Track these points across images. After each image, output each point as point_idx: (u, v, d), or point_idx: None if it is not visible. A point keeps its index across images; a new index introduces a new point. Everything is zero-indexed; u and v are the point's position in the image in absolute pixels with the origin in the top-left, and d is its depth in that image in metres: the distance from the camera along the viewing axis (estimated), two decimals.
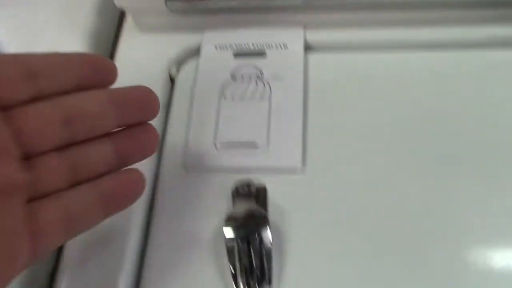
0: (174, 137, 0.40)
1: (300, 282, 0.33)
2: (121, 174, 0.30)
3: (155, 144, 0.32)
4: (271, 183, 0.37)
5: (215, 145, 0.38)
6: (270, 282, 0.33)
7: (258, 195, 0.36)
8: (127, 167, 0.31)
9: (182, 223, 0.36)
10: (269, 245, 0.33)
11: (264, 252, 0.33)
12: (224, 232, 0.34)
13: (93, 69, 0.29)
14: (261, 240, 0.33)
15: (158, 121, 0.41)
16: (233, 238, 0.34)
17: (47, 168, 0.27)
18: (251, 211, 0.35)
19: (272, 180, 0.37)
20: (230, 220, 0.34)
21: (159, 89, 0.42)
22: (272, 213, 0.35)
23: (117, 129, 0.30)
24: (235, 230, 0.34)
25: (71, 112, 0.27)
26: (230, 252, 0.33)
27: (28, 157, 0.26)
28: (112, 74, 0.30)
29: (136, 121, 0.31)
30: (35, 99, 0.27)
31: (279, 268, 0.34)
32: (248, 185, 0.36)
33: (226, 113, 0.40)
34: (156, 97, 0.31)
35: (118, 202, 0.30)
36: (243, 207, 0.35)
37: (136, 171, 0.31)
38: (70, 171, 0.28)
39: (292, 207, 0.36)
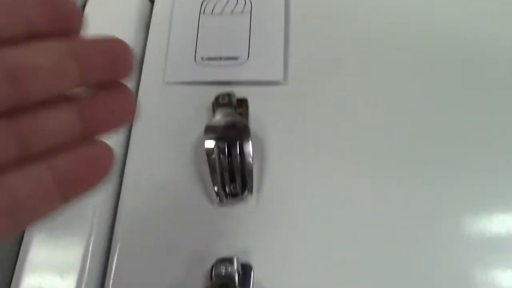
0: (154, 53, 0.39)
1: (280, 190, 0.33)
2: (83, 149, 0.24)
3: (132, 109, 0.25)
4: (252, 96, 0.36)
5: (195, 59, 0.38)
6: (251, 191, 0.33)
7: (239, 106, 0.36)
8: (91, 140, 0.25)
9: (161, 136, 0.36)
10: (250, 157, 0.33)
11: (245, 163, 0.33)
12: (205, 144, 0.33)
13: (51, 14, 0.23)
14: (242, 150, 0.33)
15: (138, 40, 0.40)
16: (213, 149, 0.33)
17: None
18: (232, 121, 0.34)
19: (253, 93, 0.36)
20: (210, 131, 0.34)
21: (138, 9, 0.41)
22: (253, 125, 0.35)
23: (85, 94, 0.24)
24: (216, 141, 0.33)
25: (18, 66, 0.22)
26: (211, 164, 0.33)
27: None
28: (76, 21, 0.24)
29: (106, 79, 0.24)
30: None
31: (259, 177, 0.34)
32: (228, 95, 0.35)
33: (205, 28, 0.39)
34: (130, 50, 0.24)
35: (79, 185, 0.24)
36: (223, 117, 0.34)
37: (103, 144, 0.25)
38: (18, 144, 0.22)
39: (274, 118, 0.36)
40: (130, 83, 0.37)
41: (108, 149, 0.24)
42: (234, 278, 0.29)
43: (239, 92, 0.36)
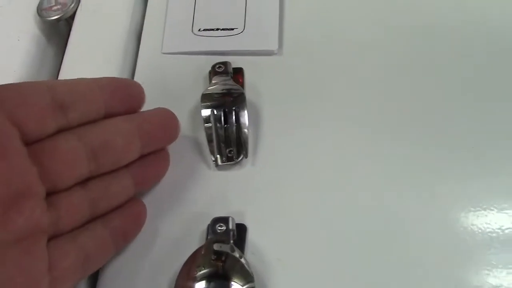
0: (152, 24, 0.40)
1: (275, 154, 0.34)
2: (127, 207, 0.29)
3: (167, 169, 0.32)
4: (248, 66, 0.37)
5: (192, 30, 0.38)
6: (246, 156, 0.34)
7: (235, 76, 0.37)
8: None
9: (159, 104, 0.36)
10: (246, 123, 0.34)
11: (241, 129, 0.34)
12: (201, 112, 0.34)
13: (121, 96, 0.29)
14: (238, 117, 0.34)
15: (137, 12, 0.41)
16: (209, 116, 0.34)
17: (68, 206, 0.26)
18: (228, 89, 0.35)
19: (249, 63, 0.37)
20: (206, 98, 0.35)
21: None
22: (248, 93, 0.36)
23: None
24: (212, 108, 0.34)
25: (98, 146, 0.26)
26: (207, 131, 0.34)
27: (50, 193, 0.25)
28: (140, 99, 0.30)
29: (156, 149, 0.30)
30: (61, 130, 0.26)
31: (255, 142, 0.35)
32: (225, 63, 0.36)
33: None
34: (177, 122, 0.31)
35: (127, 237, 0.30)
36: (220, 85, 0.35)
37: (139, 202, 0.30)
38: (90, 207, 0.27)
39: (268, 87, 0.37)
40: (129, 54, 0.39)
41: (143, 205, 0.30)
42: (229, 236, 0.30)
43: (235, 62, 0.37)
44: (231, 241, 0.30)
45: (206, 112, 0.34)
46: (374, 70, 0.37)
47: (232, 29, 0.38)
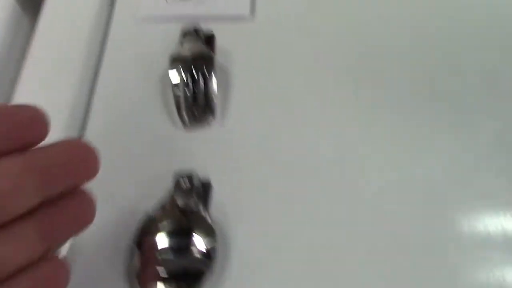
0: None
1: (242, 119, 0.34)
2: (41, 271, 0.22)
3: (91, 216, 0.24)
4: (220, 32, 0.37)
5: None
6: (214, 116, 0.34)
7: (206, 41, 0.37)
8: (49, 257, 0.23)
9: (131, 68, 0.37)
10: (215, 85, 0.34)
11: (209, 91, 0.34)
12: (169, 74, 0.34)
13: (7, 127, 0.21)
14: (206, 79, 0.34)
15: None
16: (177, 78, 0.34)
17: None
18: (197, 52, 0.35)
19: (221, 29, 0.37)
20: (175, 60, 0.35)
21: None
22: (220, 59, 0.36)
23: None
24: (181, 70, 0.34)
25: None
26: (175, 93, 0.34)
27: None
28: (37, 129, 0.22)
29: (67, 188, 0.23)
30: None
31: (223, 106, 0.35)
32: (195, 29, 0.36)
33: None
34: (93, 152, 0.23)
35: None
36: (189, 49, 0.35)
37: (58, 263, 0.23)
38: None
39: (240, 54, 0.37)
40: (102, 21, 0.39)
41: (64, 266, 0.23)
42: (193, 191, 0.30)
43: (208, 28, 0.37)
44: (195, 197, 0.30)
45: (174, 74, 0.34)
46: (349, 40, 0.37)
47: None
